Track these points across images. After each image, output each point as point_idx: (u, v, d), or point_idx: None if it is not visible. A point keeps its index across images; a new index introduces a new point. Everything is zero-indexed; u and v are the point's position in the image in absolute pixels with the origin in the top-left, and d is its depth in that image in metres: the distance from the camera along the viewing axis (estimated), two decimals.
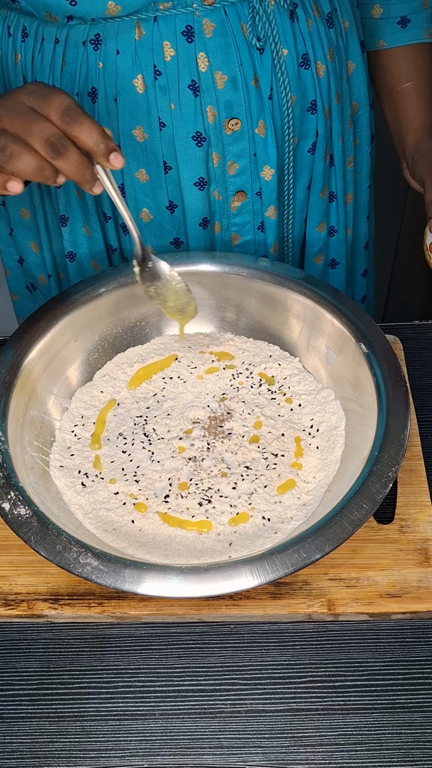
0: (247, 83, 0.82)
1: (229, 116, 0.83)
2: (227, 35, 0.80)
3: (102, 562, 0.62)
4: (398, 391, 0.72)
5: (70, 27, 0.80)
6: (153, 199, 0.89)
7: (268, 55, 0.82)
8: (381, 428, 0.69)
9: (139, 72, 0.80)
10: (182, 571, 0.61)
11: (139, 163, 0.86)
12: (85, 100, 0.84)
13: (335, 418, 0.77)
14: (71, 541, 0.63)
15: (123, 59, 0.80)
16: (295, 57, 0.84)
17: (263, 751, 0.61)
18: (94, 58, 0.81)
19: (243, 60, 0.81)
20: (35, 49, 0.83)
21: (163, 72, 0.80)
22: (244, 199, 0.89)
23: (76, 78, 0.82)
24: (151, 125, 0.83)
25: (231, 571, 0.61)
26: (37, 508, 0.66)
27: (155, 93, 0.81)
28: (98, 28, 0.80)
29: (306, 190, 0.94)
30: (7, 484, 0.67)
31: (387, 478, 0.66)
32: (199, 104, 0.82)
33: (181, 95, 0.81)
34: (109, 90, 0.82)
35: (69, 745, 0.62)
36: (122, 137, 0.84)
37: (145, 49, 0.80)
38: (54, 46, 0.82)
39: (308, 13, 0.84)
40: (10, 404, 0.73)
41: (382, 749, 0.61)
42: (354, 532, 0.63)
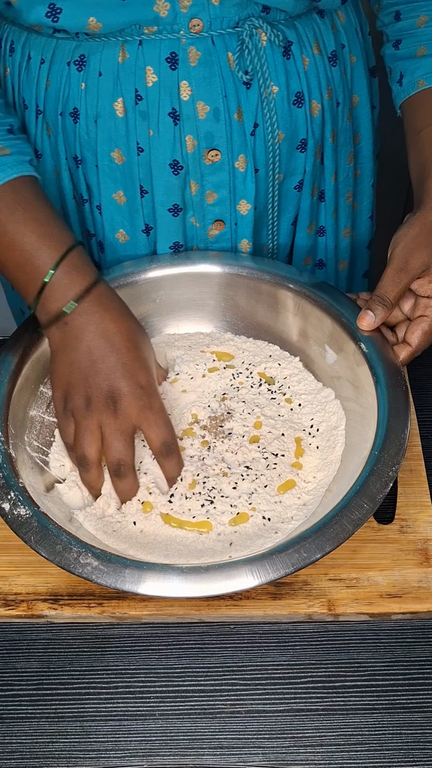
0: (230, 116, 0.81)
1: (209, 147, 0.82)
2: (212, 65, 0.78)
3: (102, 562, 0.62)
4: (398, 391, 0.72)
5: (57, 41, 0.80)
6: (129, 221, 0.88)
7: (255, 90, 0.81)
8: (381, 428, 0.69)
9: (120, 95, 0.80)
10: (182, 571, 0.61)
11: (116, 185, 0.86)
12: (67, 120, 0.83)
13: (335, 417, 0.77)
14: (71, 541, 0.63)
15: (105, 81, 0.79)
16: (287, 94, 0.82)
17: (263, 751, 0.61)
18: (77, 79, 0.80)
19: (228, 92, 0.80)
20: (21, 66, 0.83)
21: (144, 97, 0.79)
22: (222, 228, 0.89)
23: (60, 98, 0.82)
24: (129, 149, 0.82)
25: (231, 571, 0.61)
26: (37, 509, 0.66)
27: (135, 118, 0.80)
28: (83, 48, 0.79)
29: (291, 226, 0.93)
30: (7, 485, 0.67)
31: (387, 477, 0.66)
32: (178, 133, 0.81)
33: (160, 122, 0.80)
34: (90, 111, 0.81)
35: (69, 745, 0.62)
36: (100, 158, 0.84)
37: (127, 72, 0.78)
38: (39, 66, 0.82)
39: (306, 51, 0.82)
40: (10, 405, 0.73)
41: (383, 749, 0.61)
42: (354, 532, 0.63)
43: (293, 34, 0.81)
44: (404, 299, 0.77)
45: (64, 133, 0.84)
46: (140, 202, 0.86)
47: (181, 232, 0.89)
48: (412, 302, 0.77)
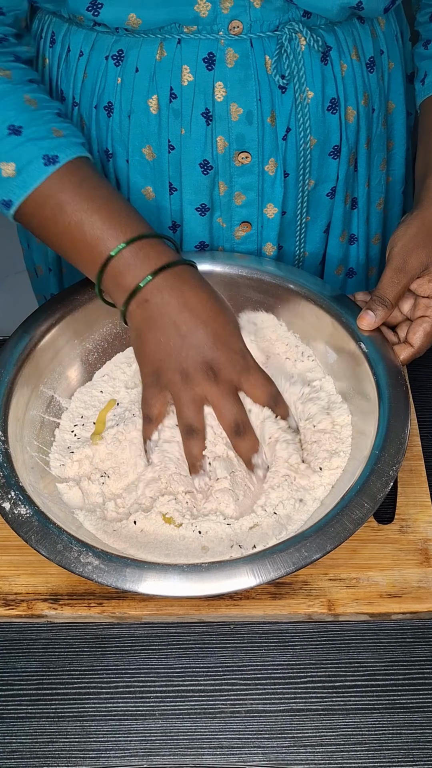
0: (263, 119, 0.80)
1: (239, 149, 0.82)
2: (249, 68, 0.78)
3: (103, 562, 0.62)
4: (398, 391, 0.72)
5: (97, 34, 0.80)
6: (157, 217, 0.89)
7: (291, 94, 0.80)
8: (381, 427, 0.69)
9: (155, 92, 0.80)
10: (183, 570, 0.61)
11: (146, 181, 0.86)
12: (101, 114, 0.84)
13: (342, 419, 0.77)
14: (72, 540, 0.63)
15: (141, 77, 0.80)
16: (322, 100, 0.82)
17: (263, 751, 0.61)
18: (114, 73, 0.81)
19: (262, 96, 0.79)
20: (61, 57, 0.84)
21: (179, 96, 0.79)
22: (249, 230, 0.88)
23: (95, 91, 0.83)
24: (161, 146, 0.83)
25: (232, 570, 0.61)
26: (38, 508, 0.66)
27: (168, 115, 0.81)
28: (122, 44, 0.79)
29: (323, 233, 0.93)
30: (7, 484, 0.67)
31: (388, 476, 0.66)
32: (210, 133, 0.81)
33: (193, 122, 0.80)
34: (124, 106, 0.82)
35: (69, 745, 0.62)
36: (131, 153, 0.84)
37: (164, 70, 0.79)
38: (78, 58, 0.82)
39: (344, 57, 0.82)
40: (10, 404, 0.73)
41: (383, 749, 0.61)
42: (355, 531, 0.63)
43: (332, 40, 0.81)
44: (404, 299, 0.77)
45: (97, 127, 0.85)
46: (168, 200, 0.86)
47: (208, 232, 0.89)
48: (412, 302, 0.77)
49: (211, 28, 0.76)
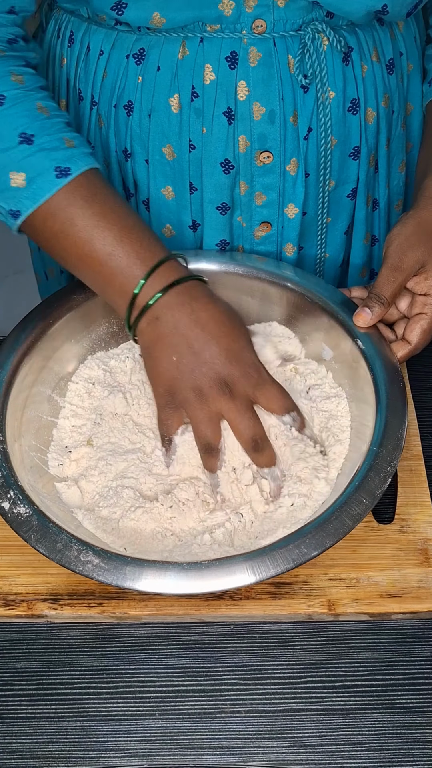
0: (285, 119, 0.80)
1: (261, 149, 0.82)
2: (272, 67, 0.78)
3: (102, 560, 0.62)
4: (395, 387, 0.72)
5: (118, 33, 0.80)
6: (177, 216, 0.88)
7: (312, 94, 0.80)
8: (379, 424, 0.69)
9: (176, 91, 0.80)
10: (183, 567, 0.61)
11: (166, 180, 0.86)
12: (120, 113, 0.83)
13: (344, 420, 0.77)
14: (71, 539, 0.63)
15: (162, 76, 0.80)
16: (343, 100, 0.82)
17: (263, 751, 0.61)
18: (134, 72, 0.81)
19: (285, 95, 0.79)
20: (80, 56, 0.84)
21: (201, 95, 0.79)
22: (269, 230, 0.88)
23: (115, 90, 0.82)
24: (181, 146, 0.82)
25: (231, 568, 0.61)
26: (37, 508, 0.66)
27: (189, 115, 0.80)
28: (144, 42, 0.79)
29: (344, 235, 0.93)
30: (6, 484, 0.67)
31: (386, 473, 0.66)
32: (232, 132, 0.81)
33: (214, 121, 0.80)
34: (145, 105, 0.82)
35: (69, 745, 0.62)
36: (151, 153, 0.84)
37: (186, 69, 0.79)
38: (98, 57, 0.82)
39: (365, 58, 0.82)
40: (8, 404, 0.72)
41: (383, 749, 0.61)
42: (353, 527, 0.63)
43: (354, 41, 0.81)
44: (401, 297, 0.77)
45: (116, 126, 0.84)
46: (189, 199, 0.86)
47: (228, 231, 0.88)
48: (409, 300, 0.77)
49: (235, 27, 0.76)
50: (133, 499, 0.72)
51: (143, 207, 0.89)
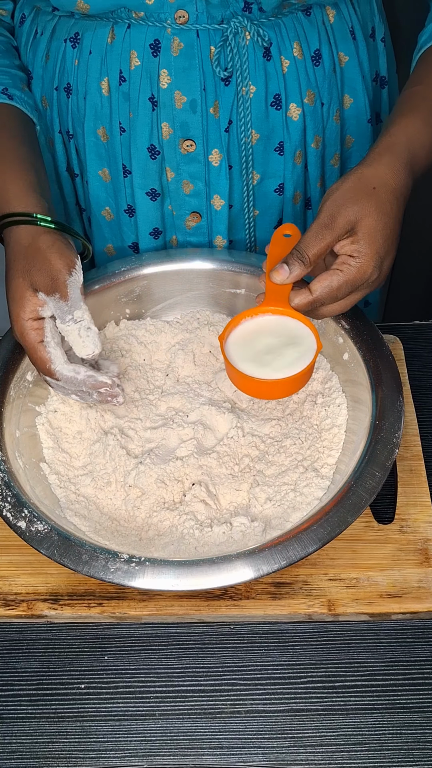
0: (206, 109, 0.82)
1: (184, 136, 0.83)
2: (193, 58, 0.79)
3: (133, 566, 0.62)
4: (385, 361, 0.73)
5: (59, 18, 0.83)
6: (114, 199, 0.90)
7: (233, 87, 0.81)
8: (376, 398, 0.71)
9: (106, 75, 0.82)
10: (213, 562, 0.62)
11: (102, 162, 0.88)
12: (61, 95, 0.86)
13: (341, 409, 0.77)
14: (96, 549, 0.63)
15: (94, 60, 0.82)
16: (265, 95, 0.82)
17: (263, 751, 0.61)
18: (71, 55, 0.83)
19: (206, 86, 0.81)
20: (29, 37, 0.86)
21: (127, 79, 0.81)
22: (198, 221, 0.89)
23: (56, 73, 0.85)
24: (113, 128, 0.85)
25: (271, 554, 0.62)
26: (54, 523, 0.65)
27: (118, 98, 0.82)
28: (79, 26, 0.82)
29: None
30: (19, 503, 0.66)
31: (392, 444, 0.67)
32: (155, 118, 0.82)
33: (140, 106, 0.82)
34: (80, 88, 0.84)
35: (69, 745, 0.62)
36: (87, 134, 0.86)
37: (114, 54, 0.81)
38: (40, 39, 0.85)
39: (286, 53, 0.82)
40: (3, 422, 0.72)
41: (383, 749, 0.61)
42: (370, 501, 0.64)
43: (274, 35, 0.81)
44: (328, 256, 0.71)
45: (59, 107, 0.87)
46: (123, 182, 0.88)
47: (160, 219, 0.90)
48: None
49: (159, 15, 0.78)
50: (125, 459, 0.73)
51: (87, 187, 0.91)
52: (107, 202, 0.91)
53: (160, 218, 0.90)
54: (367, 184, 0.69)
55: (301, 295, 0.68)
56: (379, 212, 0.68)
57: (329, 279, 0.67)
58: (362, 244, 0.67)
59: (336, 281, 0.67)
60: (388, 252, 0.69)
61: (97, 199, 0.91)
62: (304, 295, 0.68)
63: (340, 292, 0.68)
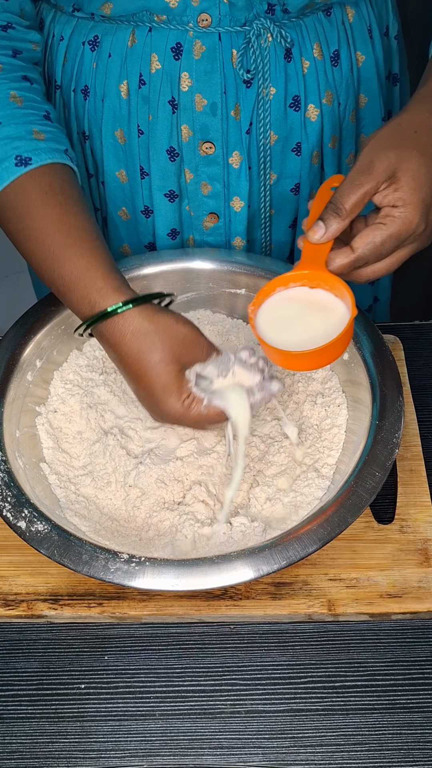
0: (227, 112, 0.82)
1: (204, 139, 0.83)
2: (215, 61, 0.79)
3: (133, 566, 0.62)
4: (385, 361, 0.73)
5: (77, 20, 0.82)
6: (131, 200, 0.90)
7: (254, 89, 0.81)
8: (377, 398, 0.71)
9: (125, 78, 0.82)
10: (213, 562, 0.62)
11: (119, 164, 0.88)
12: (78, 97, 0.86)
13: (341, 410, 0.77)
14: (96, 549, 0.63)
15: (113, 63, 0.82)
16: (284, 97, 0.82)
17: (263, 751, 0.61)
18: (90, 58, 0.83)
19: (227, 89, 0.81)
20: (48, 42, 0.87)
21: (147, 83, 0.81)
22: (216, 222, 0.89)
23: (73, 75, 0.85)
24: (131, 131, 0.84)
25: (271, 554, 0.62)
26: (54, 522, 0.65)
27: (137, 101, 0.82)
28: (98, 29, 0.81)
29: (289, 228, 0.93)
30: (19, 503, 0.66)
31: (392, 444, 0.67)
32: (175, 121, 0.82)
33: (159, 109, 0.82)
34: (98, 90, 0.84)
35: (69, 745, 0.62)
36: (104, 136, 0.86)
37: (134, 57, 0.81)
38: (59, 43, 0.85)
39: (306, 54, 0.82)
40: (3, 422, 0.72)
41: (383, 750, 0.61)
42: (371, 501, 0.64)
43: (296, 36, 0.81)
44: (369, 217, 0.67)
45: (76, 109, 0.87)
46: (140, 183, 0.88)
47: (178, 219, 0.90)
48: None
49: (181, 19, 0.77)
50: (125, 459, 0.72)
51: (102, 188, 0.92)
52: (124, 202, 0.91)
53: (177, 219, 0.90)
54: (408, 128, 0.65)
55: (342, 254, 0.63)
56: (422, 155, 0.63)
57: (372, 234, 0.62)
58: (405, 191, 0.62)
59: (380, 236, 0.62)
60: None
61: (114, 199, 0.91)
62: (346, 254, 0.63)
63: (384, 247, 0.63)
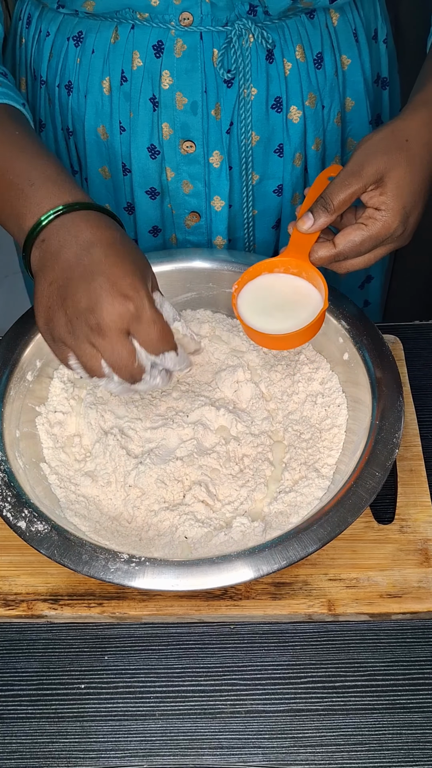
0: (207, 111, 0.82)
1: (184, 138, 0.83)
2: (196, 60, 0.79)
3: (133, 566, 0.62)
4: (385, 361, 0.74)
5: (63, 17, 0.83)
6: (114, 197, 0.91)
7: (235, 89, 0.81)
8: (376, 398, 0.71)
9: (107, 74, 0.82)
10: (213, 562, 0.62)
11: (102, 160, 0.88)
12: (62, 92, 0.87)
13: (340, 408, 0.77)
14: (96, 548, 0.63)
15: (96, 59, 0.82)
16: (266, 98, 0.82)
17: (263, 751, 0.61)
18: (74, 54, 0.84)
19: (208, 88, 0.81)
20: (35, 38, 0.87)
21: (129, 80, 0.81)
22: (198, 220, 0.90)
23: (58, 70, 0.86)
24: (113, 127, 0.85)
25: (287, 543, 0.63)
26: (54, 522, 0.65)
27: (119, 98, 0.83)
28: (82, 26, 0.82)
29: (272, 229, 0.93)
30: (19, 503, 0.66)
31: (392, 444, 0.68)
32: (156, 119, 0.83)
33: (140, 106, 0.82)
34: (82, 86, 0.85)
35: (69, 745, 0.62)
36: (87, 132, 0.87)
37: (116, 53, 0.81)
38: (45, 39, 0.86)
39: (289, 56, 0.82)
40: (3, 422, 0.72)
41: (383, 750, 0.61)
42: (371, 501, 0.65)
43: (277, 38, 0.81)
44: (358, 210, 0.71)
45: (60, 105, 0.88)
46: (123, 180, 0.88)
47: (160, 217, 0.90)
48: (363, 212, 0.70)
49: (163, 17, 0.78)
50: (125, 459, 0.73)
51: (86, 184, 0.92)
52: (107, 199, 0.91)
53: (159, 217, 0.91)
54: (400, 136, 0.69)
55: (325, 247, 0.69)
56: (409, 165, 0.68)
57: (353, 234, 0.68)
58: (389, 196, 0.67)
59: (359, 236, 0.68)
60: (414, 207, 0.69)
61: (98, 195, 0.91)
62: (328, 248, 0.69)
63: (363, 246, 0.68)
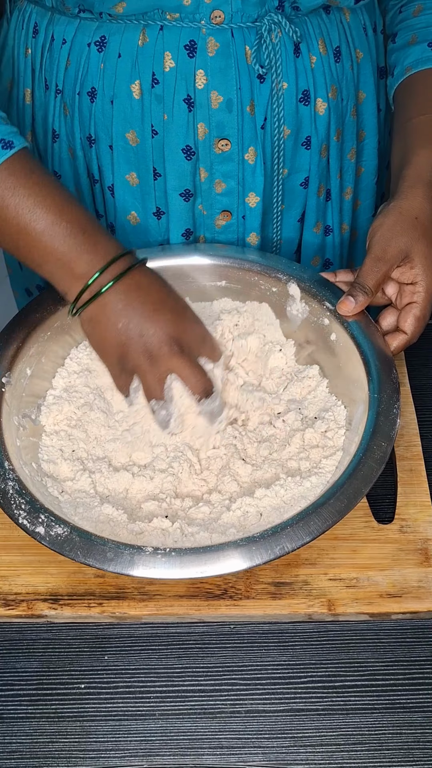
0: (242, 108, 0.82)
1: (219, 136, 0.83)
2: (229, 57, 0.80)
3: (162, 558, 0.62)
4: (375, 337, 0.75)
5: (80, 21, 0.81)
6: (141, 203, 0.90)
7: (268, 84, 0.82)
8: (373, 372, 0.72)
9: (137, 78, 0.81)
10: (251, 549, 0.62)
11: (130, 166, 0.87)
12: (83, 100, 0.85)
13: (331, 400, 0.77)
14: (119, 546, 0.63)
15: (123, 63, 0.81)
16: (295, 91, 0.83)
17: (263, 751, 0.61)
18: (96, 59, 0.82)
19: (242, 85, 0.81)
20: (44, 46, 0.85)
21: (161, 81, 0.81)
22: (228, 219, 0.90)
23: (78, 77, 0.84)
24: (144, 131, 0.84)
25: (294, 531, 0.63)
26: (74, 524, 0.65)
27: (151, 101, 0.82)
28: (104, 30, 0.81)
29: (297, 223, 0.94)
30: (34, 509, 0.65)
31: (393, 415, 0.69)
32: (191, 119, 0.82)
33: (175, 108, 0.82)
34: (107, 91, 0.83)
35: (69, 745, 0.62)
36: (115, 138, 0.85)
37: (146, 56, 0.80)
38: (61, 46, 0.84)
39: (313, 49, 0.83)
40: (3, 432, 0.72)
41: (383, 749, 0.61)
42: (380, 471, 0.65)
43: (302, 32, 0.82)
44: (387, 284, 0.78)
45: (80, 113, 0.86)
46: (153, 185, 0.88)
47: (191, 219, 0.90)
48: (397, 287, 0.78)
49: (194, 16, 0.78)
50: None
51: (108, 193, 0.90)
52: (134, 206, 0.90)
53: (191, 219, 0.90)
54: (409, 216, 0.76)
55: (398, 338, 0.76)
56: (426, 238, 0.76)
57: (411, 314, 0.76)
58: (420, 267, 0.75)
59: (419, 311, 0.76)
60: None
61: (123, 204, 0.90)
62: (402, 338, 0.76)
63: (425, 319, 0.76)
